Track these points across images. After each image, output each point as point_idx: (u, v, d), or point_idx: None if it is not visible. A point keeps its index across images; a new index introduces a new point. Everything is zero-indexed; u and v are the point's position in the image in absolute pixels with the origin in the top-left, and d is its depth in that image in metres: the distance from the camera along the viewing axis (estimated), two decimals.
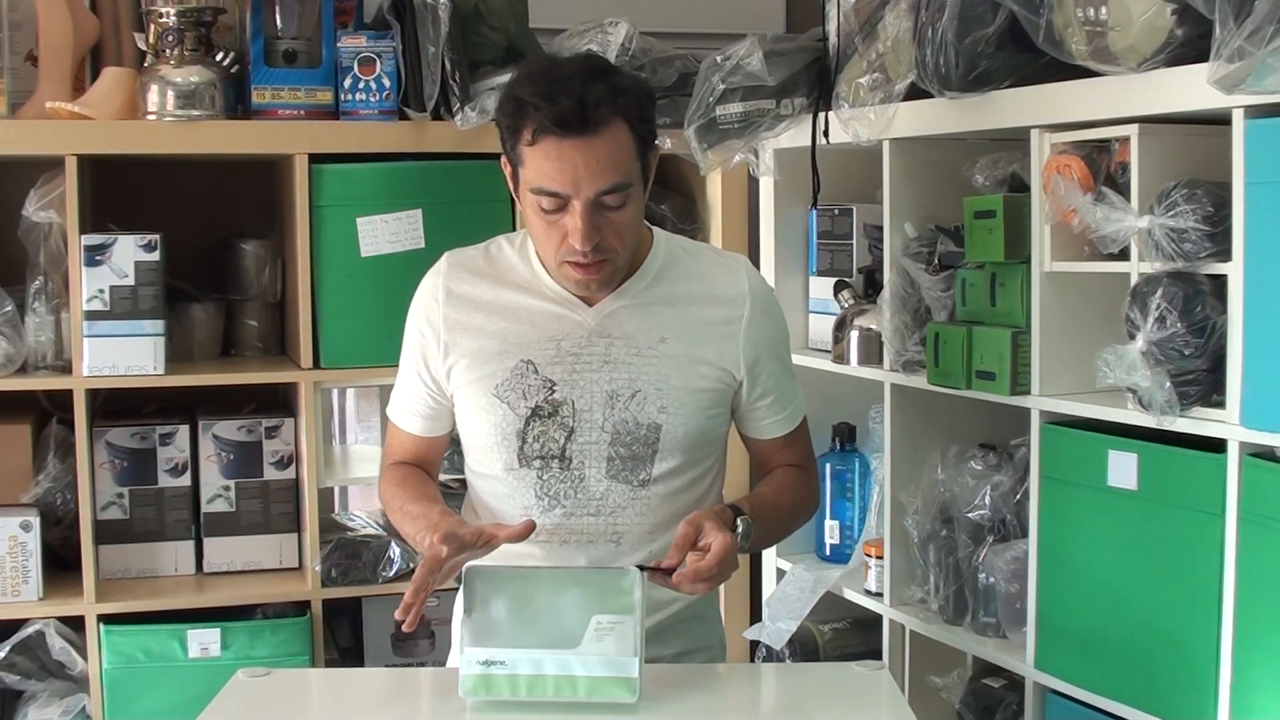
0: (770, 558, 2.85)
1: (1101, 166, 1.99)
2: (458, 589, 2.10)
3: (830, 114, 2.52)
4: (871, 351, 2.47)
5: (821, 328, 2.71)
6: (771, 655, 2.62)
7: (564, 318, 1.94)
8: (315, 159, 2.65)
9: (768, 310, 2.01)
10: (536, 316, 1.94)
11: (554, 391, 1.91)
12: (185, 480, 2.77)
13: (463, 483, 2.11)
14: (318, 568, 2.72)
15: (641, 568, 1.74)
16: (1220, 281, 1.79)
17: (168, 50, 2.64)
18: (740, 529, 1.84)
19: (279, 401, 2.91)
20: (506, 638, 1.72)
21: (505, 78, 2.50)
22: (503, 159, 1.91)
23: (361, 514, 3.03)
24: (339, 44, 2.69)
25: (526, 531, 1.79)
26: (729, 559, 1.76)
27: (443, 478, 2.44)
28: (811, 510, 2.12)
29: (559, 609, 1.73)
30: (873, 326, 2.47)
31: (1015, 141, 2.16)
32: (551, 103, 1.78)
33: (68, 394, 2.61)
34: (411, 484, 2.00)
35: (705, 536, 1.76)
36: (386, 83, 2.69)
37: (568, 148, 1.79)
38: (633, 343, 1.92)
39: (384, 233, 2.69)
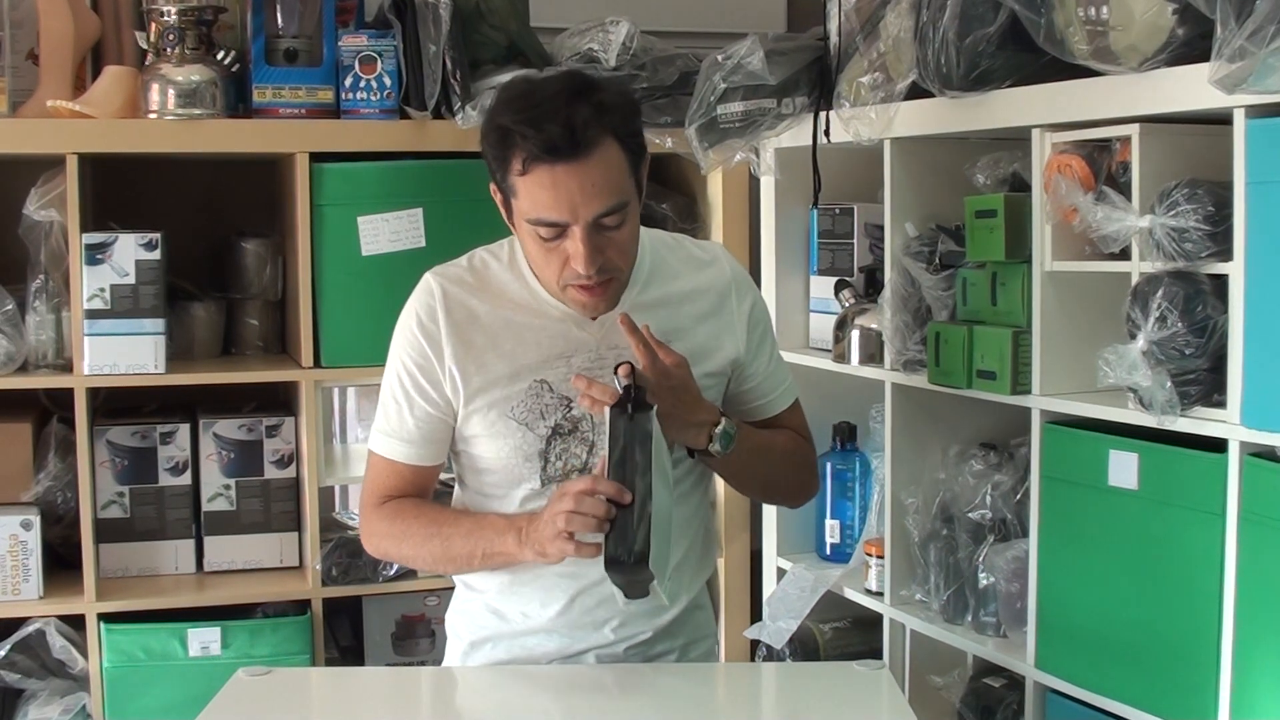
0: (771, 557, 2.84)
1: (1102, 166, 1.99)
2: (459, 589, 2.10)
3: (831, 113, 2.52)
4: (872, 351, 2.47)
5: (822, 327, 2.71)
6: (772, 654, 2.62)
7: (570, 334, 1.90)
8: (316, 158, 2.65)
9: (752, 292, 2.02)
10: (541, 336, 1.90)
11: (571, 408, 1.88)
12: (186, 479, 2.78)
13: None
14: (318, 566, 2.72)
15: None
16: (1221, 281, 1.79)
17: (169, 49, 2.64)
18: (722, 426, 1.84)
19: (279, 400, 2.91)
20: None
21: (506, 77, 2.49)
22: (491, 186, 1.86)
23: None
24: (340, 43, 2.69)
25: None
26: (681, 380, 1.81)
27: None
28: (806, 468, 2.07)
29: None
30: (873, 326, 2.47)
31: (1016, 141, 2.16)
32: (538, 129, 1.72)
33: (68, 392, 2.61)
34: (431, 511, 1.93)
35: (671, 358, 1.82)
36: (387, 81, 2.69)
37: (561, 174, 1.73)
38: None
39: (385, 231, 2.69)
